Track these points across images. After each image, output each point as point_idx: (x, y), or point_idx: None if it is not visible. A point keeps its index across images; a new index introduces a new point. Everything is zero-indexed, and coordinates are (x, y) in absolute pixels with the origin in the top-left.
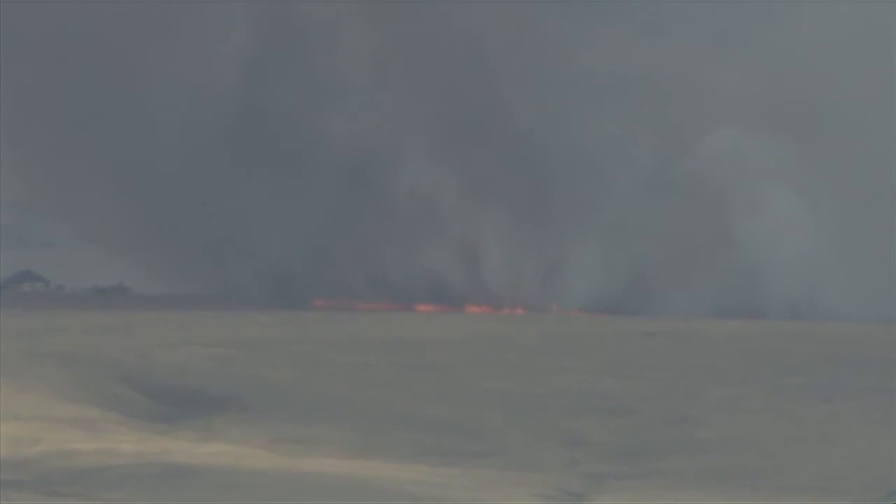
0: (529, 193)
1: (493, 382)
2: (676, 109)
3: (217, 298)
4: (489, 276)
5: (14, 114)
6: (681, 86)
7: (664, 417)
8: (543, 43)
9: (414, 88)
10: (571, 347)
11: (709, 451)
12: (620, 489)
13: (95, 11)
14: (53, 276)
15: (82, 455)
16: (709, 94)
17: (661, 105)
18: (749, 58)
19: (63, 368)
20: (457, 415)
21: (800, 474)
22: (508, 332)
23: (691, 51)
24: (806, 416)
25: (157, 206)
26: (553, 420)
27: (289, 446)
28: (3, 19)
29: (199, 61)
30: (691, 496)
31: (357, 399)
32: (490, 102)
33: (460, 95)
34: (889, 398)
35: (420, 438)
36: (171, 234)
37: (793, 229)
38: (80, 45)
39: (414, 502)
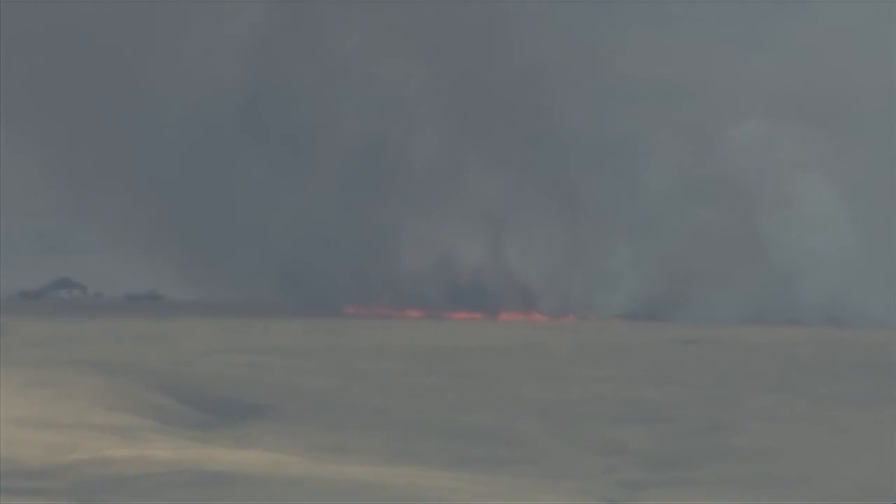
0: (562, 198)
1: (530, 390)
2: (704, 104)
3: (249, 306)
4: (523, 283)
5: (38, 118)
6: (709, 79)
7: (702, 425)
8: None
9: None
10: (608, 355)
11: (746, 459)
12: (658, 497)
13: (107, 9)
14: (90, 282)
15: (119, 463)
16: (738, 86)
17: (688, 101)
18: (779, 50)
19: (100, 376)
20: (493, 423)
21: (838, 483)
22: (544, 339)
23: (718, 48)
24: (844, 425)
25: (176, 202)
26: (590, 428)
27: (325, 454)
28: (25, 26)
29: (211, 42)
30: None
31: (393, 407)
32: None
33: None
34: None
35: (456, 446)
36: (199, 239)
37: (826, 225)
38: (95, 41)
39: None
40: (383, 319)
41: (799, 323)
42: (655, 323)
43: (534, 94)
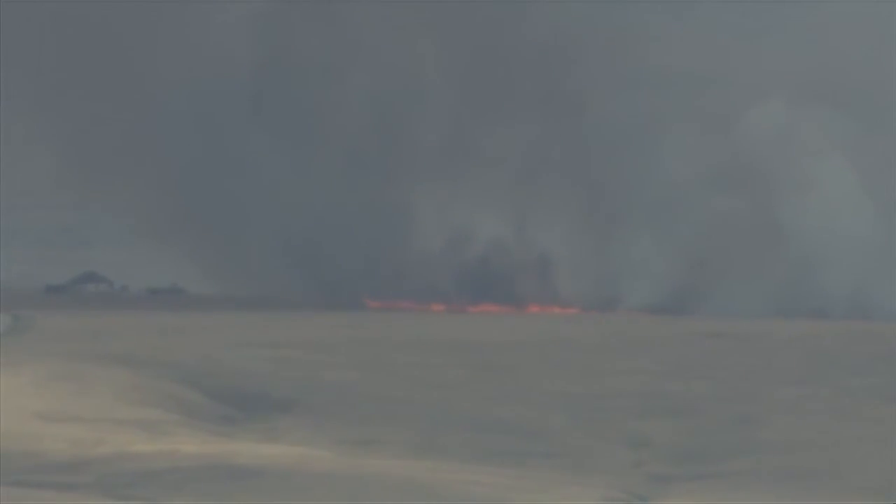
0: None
1: (557, 384)
2: (724, 88)
3: (269, 300)
4: (551, 278)
5: (55, 111)
6: (729, 65)
7: (728, 419)
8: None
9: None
10: (634, 348)
11: (773, 452)
12: (685, 491)
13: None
14: (115, 276)
15: (145, 457)
16: (758, 72)
17: (709, 86)
18: (798, 35)
19: (125, 370)
20: (520, 416)
21: (863, 476)
22: (569, 333)
23: (738, 35)
24: (870, 418)
25: (191, 193)
26: (617, 421)
27: (352, 448)
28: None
29: (220, 24)
30: (755, 498)
31: (420, 400)
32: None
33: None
34: None
35: (483, 440)
36: (218, 232)
37: (847, 211)
38: (107, 33)
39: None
40: (405, 312)
41: (824, 315)
42: (680, 316)
43: (552, 75)
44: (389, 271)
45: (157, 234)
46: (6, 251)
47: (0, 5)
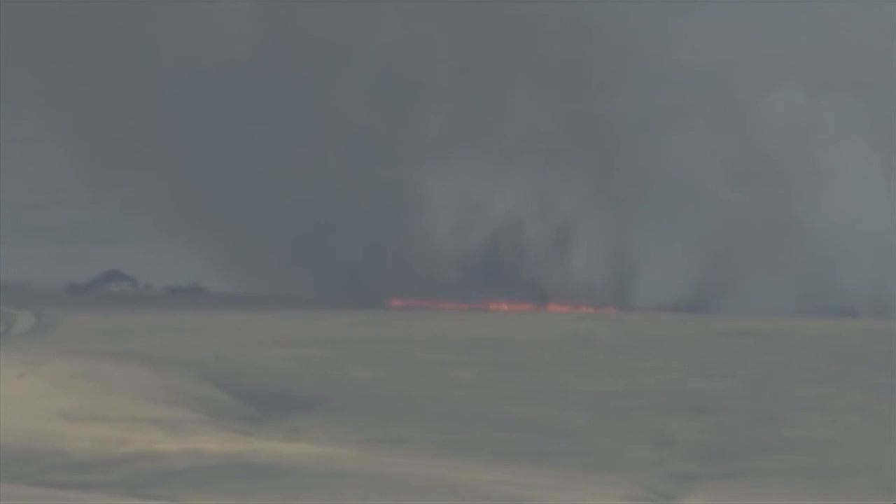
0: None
1: (579, 382)
2: (738, 77)
3: (289, 298)
4: (570, 275)
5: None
6: (743, 53)
7: (752, 417)
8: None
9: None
10: (657, 346)
11: (797, 450)
12: (708, 490)
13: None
14: (137, 274)
15: (168, 456)
16: (772, 59)
17: (723, 73)
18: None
19: (148, 369)
20: (543, 415)
21: (888, 474)
22: (591, 330)
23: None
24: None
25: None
26: (640, 420)
27: (374, 447)
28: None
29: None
30: (779, 497)
31: (444, 399)
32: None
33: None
34: None
35: (506, 438)
36: (232, 227)
37: (868, 200)
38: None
39: (501, 503)
40: (426, 311)
41: (847, 313)
42: (699, 314)
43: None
44: (404, 265)
45: (173, 231)
46: (29, 250)
47: (1, 5)
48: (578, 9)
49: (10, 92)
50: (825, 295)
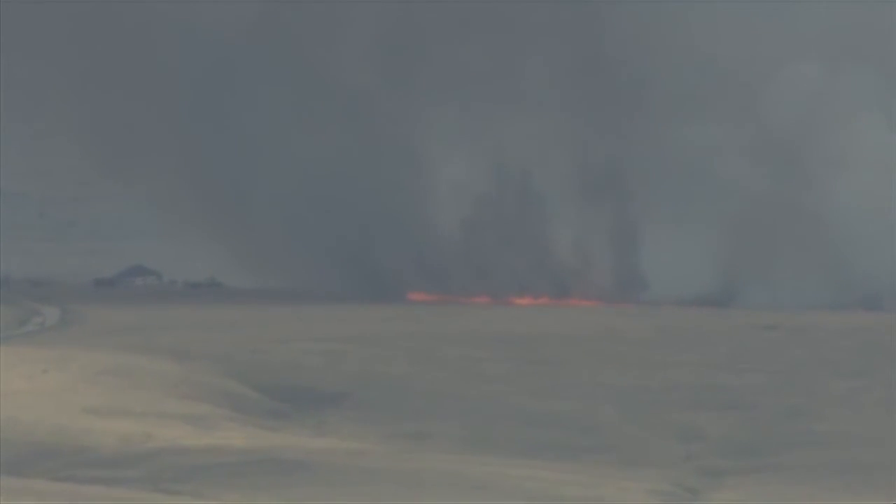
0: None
1: (607, 377)
2: (750, 49)
3: (308, 292)
4: (593, 268)
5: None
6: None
7: (781, 412)
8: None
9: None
10: (685, 341)
11: (827, 445)
12: (737, 484)
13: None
14: (162, 269)
15: (193, 452)
16: (788, 32)
17: (734, 49)
18: None
19: (173, 364)
20: (571, 409)
21: None
22: (618, 325)
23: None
24: None
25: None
26: (668, 414)
27: (402, 442)
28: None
29: None
30: (808, 491)
31: (471, 394)
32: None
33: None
34: None
35: (535, 434)
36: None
37: (886, 178)
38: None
39: (531, 502)
40: (448, 305)
41: (873, 305)
42: (723, 309)
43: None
44: (420, 258)
45: (186, 224)
46: (54, 246)
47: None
48: None
49: (27, 88)
50: (849, 285)
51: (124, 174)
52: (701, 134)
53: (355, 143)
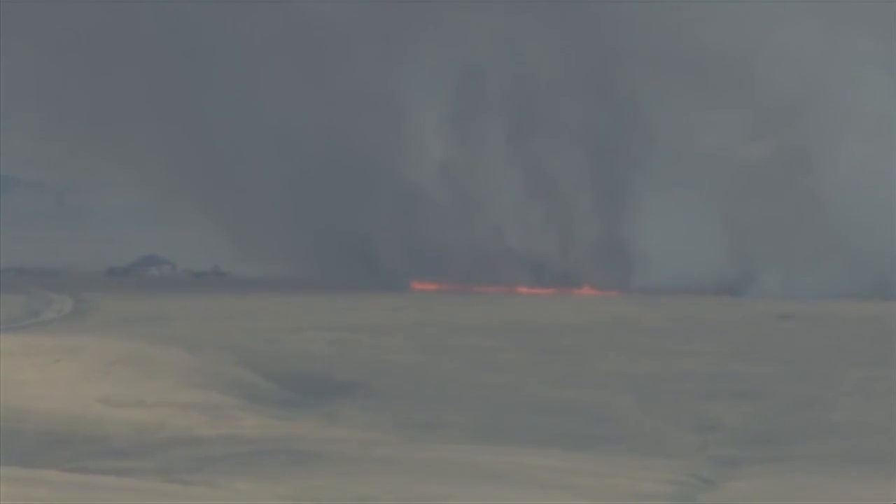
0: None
1: (622, 366)
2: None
3: (311, 281)
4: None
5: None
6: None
7: (797, 401)
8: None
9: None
10: (700, 330)
11: (842, 435)
12: (752, 474)
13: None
14: (175, 258)
15: (206, 441)
16: None
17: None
18: None
19: (186, 353)
20: (586, 399)
21: None
22: (632, 314)
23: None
24: None
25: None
26: (684, 404)
27: (415, 431)
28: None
29: None
30: (825, 482)
31: (484, 383)
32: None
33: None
34: None
35: (549, 423)
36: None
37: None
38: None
39: (545, 491)
40: (455, 294)
41: (885, 295)
42: (742, 298)
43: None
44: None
45: (188, 211)
46: (66, 234)
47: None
48: None
49: (38, 74)
50: (852, 271)
51: (124, 160)
52: (700, 112)
53: (355, 133)
